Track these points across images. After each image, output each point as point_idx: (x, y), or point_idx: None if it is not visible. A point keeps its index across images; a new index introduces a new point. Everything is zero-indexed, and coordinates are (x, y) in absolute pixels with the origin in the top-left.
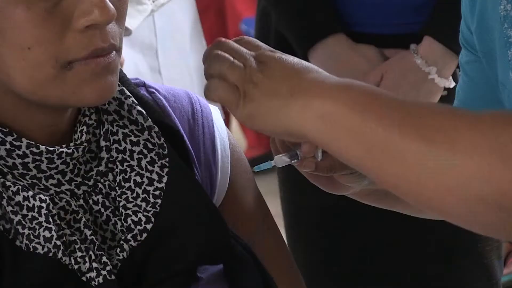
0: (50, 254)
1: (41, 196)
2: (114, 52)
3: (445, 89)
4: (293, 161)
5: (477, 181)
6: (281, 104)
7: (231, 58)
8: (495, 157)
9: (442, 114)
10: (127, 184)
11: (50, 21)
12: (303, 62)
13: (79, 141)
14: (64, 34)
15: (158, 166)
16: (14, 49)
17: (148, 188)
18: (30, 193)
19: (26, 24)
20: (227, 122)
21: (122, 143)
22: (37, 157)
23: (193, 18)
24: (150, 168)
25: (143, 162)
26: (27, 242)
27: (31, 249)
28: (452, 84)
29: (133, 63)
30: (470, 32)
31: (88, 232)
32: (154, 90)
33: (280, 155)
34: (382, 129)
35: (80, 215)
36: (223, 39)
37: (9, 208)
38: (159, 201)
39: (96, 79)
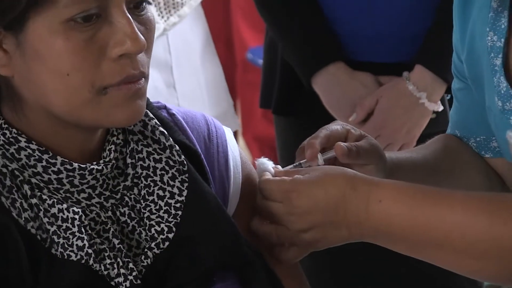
0: (83, 261)
1: (74, 208)
2: (143, 79)
3: (434, 112)
4: None
5: None
6: (343, 237)
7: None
8: None
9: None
10: (151, 198)
11: (87, 50)
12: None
13: (107, 159)
14: (100, 62)
15: (178, 181)
16: (55, 75)
17: (169, 201)
18: (64, 205)
19: (66, 53)
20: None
21: (146, 160)
22: (71, 173)
23: (204, 37)
24: (171, 183)
25: (165, 178)
26: (61, 250)
27: (66, 257)
28: (440, 108)
29: (150, 79)
30: (461, 61)
31: (116, 241)
32: (174, 112)
33: (287, 167)
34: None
35: (108, 226)
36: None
37: (45, 219)
38: (179, 212)
39: (127, 103)
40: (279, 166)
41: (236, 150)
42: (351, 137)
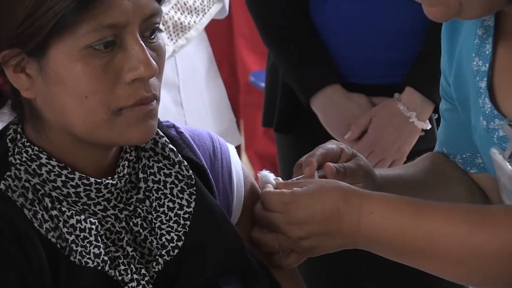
0: (99, 268)
1: (91, 219)
2: (155, 100)
3: (422, 130)
4: None
5: None
6: (341, 243)
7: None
8: None
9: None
10: (161, 209)
11: (103, 75)
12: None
13: (121, 174)
14: (115, 85)
15: (187, 194)
16: (74, 98)
17: (179, 212)
18: (82, 217)
19: (84, 77)
20: (239, 155)
21: (157, 175)
22: (88, 187)
23: (208, 60)
24: (180, 195)
25: (175, 191)
26: (79, 257)
27: (83, 263)
28: (428, 126)
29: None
30: (448, 84)
31: (129, 249)
32: (182, 131)
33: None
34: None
35: (122, 235)
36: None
37: (64, 230)
38: (188, 222)
39: (140, 123)
40: (279, 178)
41: (239, 165)
42: (344, 156)
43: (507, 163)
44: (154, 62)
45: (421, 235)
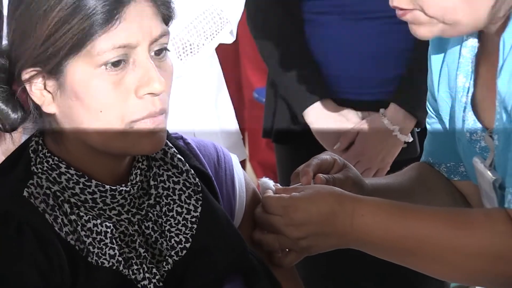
0: (114, 267)
1: (106, 223)
2: (163, 114)
3: (405, 142)
4: None
5: None
6: (335, 243)
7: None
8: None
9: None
10: (170, 214)
11: (117, 91)
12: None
13: (134, 181)
14: (127, 100)
15: (194, 200)
16: (90, 111)
17: (186, 216)
18: (98, 221)
19: (99, 93)
20: (244, 164)
21: (167, 182)
22: (103, 194)
23: (217, 79)
24: (188, 201)
25: (183, 197)
26: (96, 258)
27: (100, 264)
28: (410, 139)
29: None
30: (434, 99)
31: (141, 250)
32: (189, 142)
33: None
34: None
35: (135, 237)
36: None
37: (82, 233)
38: (195, 226)
39: (151, 135)
40: (278, 185)
41: (241, 173)
42: (336, 166)
43: (488, 171)
44: (162, 79)
45: (408, 235)
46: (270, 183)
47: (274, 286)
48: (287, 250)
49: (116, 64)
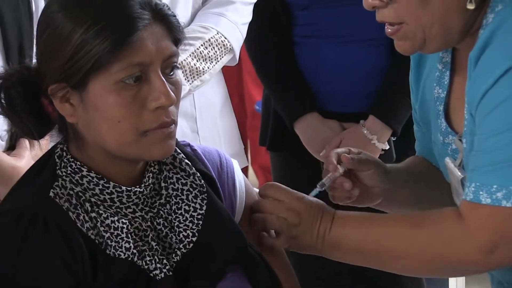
0: (129, 259)
1: (123, 220)
2: (173, 124)
3: (382, 150)
4: (322, 189)
5: None
6: (313, 241)
7: (277, 219)
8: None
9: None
10: (179, 211)
11: (132, 104)
12: (316, 204)
13: (147, 183)
14: (141, 112)
15: (199, 199)
16: (108, 122)
17: (193, 213)
18: (115, 218)
19: (116, 106)
20: (246, 169)
21: (176, 184)
22: (120, 194)
23: (223, 97)
24: (194, 200)
25: (190, 197)
26: (113, 251)
27: (117, 256)
28: (387, 147)
29: (179, 126)
30: (415, 110)
31: (153, 244)
32: (195, 148)
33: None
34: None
35: (148, 233)
36: (265, 202)
37: (101, 228)
38: (201, 222)
39: (162, 143)
40: None
41: (240, 176)
42: (352, 153)
43: (457, 170)
44: (172, 94)
45: (369, 240)
46: None
47: (271, 275)
48: (278, 234)
49: (132, 80)
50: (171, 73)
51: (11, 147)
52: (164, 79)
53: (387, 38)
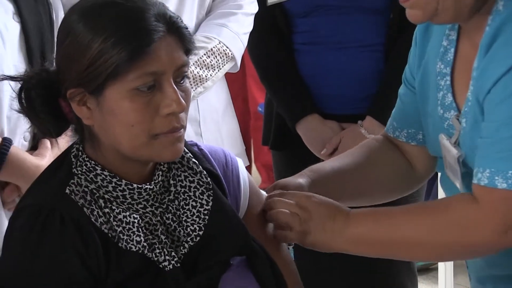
0: (140, 251)
1: (134, 215)
2: (182, 129)
3: None
4: None
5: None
6: (328, 237)
7: (289, 214)
8: None
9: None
10: (187, 207)
11: (145, 109)
12: (326, 202)
13: (157, 180)
14: (154, 117)
15: (206, 196)
16: (123, 126)
17: (200, 209)
18: (127, 213)
19: (131, 111)
20: (250, 168)
21: (184, 181)
22: (132, 191)
23: (225, 102)
24: (201, 197)
25: (197, 193)
26: (125, 244)
27: (128, 248)
28: None
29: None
30: (413, 76)
31: (163, 237)
32: (202, 148)
33: None
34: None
35: (158, 227)
36: (276, 200)
37: (114, 223)
38: (207, 217)
39: (171, 146)
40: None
41: (244, 173)
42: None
43: (453, 148)
44: (183, 101)
45: (387, 233)
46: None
47: (272, 266)
48: (290, 229)
49: (146, 88)
50: (182, 81)
51: (33, 147)
52: (175, 87)
53: (382, 44)
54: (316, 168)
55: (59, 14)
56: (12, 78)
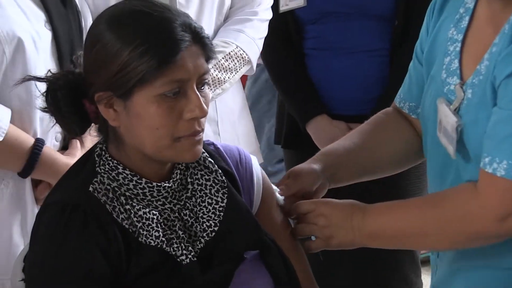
0: (158, 246)
1: (153, 211)
2: (202, 133)
3: None
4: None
5: None
6: (350, 235)
7: (307, 227)
8: None
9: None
10: (203, 204)
11: (170, 114)
12: (342, 204)
13: (175, 179)
14: (177, 121)
15: (221, 193)
16: (148, 128)
17: (215, 206)
18: (147, 209)
19: (157, 115)
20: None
21: (200, 179)
22: (151, 189)
23: (241, 103)
24: (216, 194)
25: (212, 191)
26: (145, 238)
27: (147, 243)
28: None
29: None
30: (422, 51)
31: (180, 232)
32: (218, 147)
33: None
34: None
35: (175, 222)
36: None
37: (134, 219)
38: (222, 213)
39: (192, 148)
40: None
41: (258, 171)
42: (286, 181)
43: (452, 115)
44: (205, 107)
45: (403, 226)
46: (278, 195)
47: (284, 260)
48: (314, 238)
49: (171, 93)
50: (202, 88)
51: (64, 147)
52: (199, 94)
53: (387, 49)
54: (329, 152)
55: (87, 22)
56: (38, 78)
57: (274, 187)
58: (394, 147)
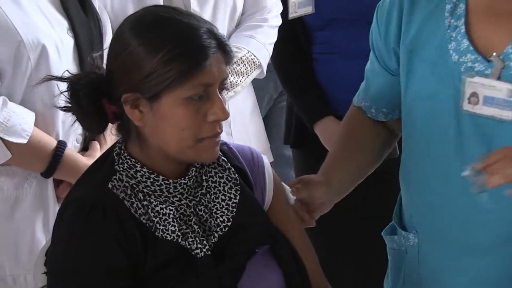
0: (174, 240)
1: (170, 207)
2: (220, 134)
3: None
4: None
5: None
6: None
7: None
8: None
9: None
10: (217, 200)
11: (196, 115)
12: None
13: (191, 176)
14: (201, 123)
15: (234, 190)
16: (174, 129)
17: (228, 202)
18: (164, 205)
19: (183, 117)
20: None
21: (214, 177)
22: (168, 186)
23: (252, 105)
24: (229, 191)
25: (226, 188)
26: (161, 233)
27: (164, 237)
28: None
29: None
30: (394, 54)
31: (195, 227)
32: (231, 147)
33: None
34: None
35: (191, 218)
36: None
37: (152, 214)
38: (235, 209)
39: (212, 149)
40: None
41: (269, 169)
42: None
43: (500, 83)
44: (227, 110)
45: None
46: (290, 195)
47: (293, 254)
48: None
49: (197, 97)
50: (221, 92)
51: (84, 148)
52: (221, 97)
53: None
54: (329, 176)
55: (107, 29)
56: (60, 78)
57: (287, 187)
58: (375, 151)
